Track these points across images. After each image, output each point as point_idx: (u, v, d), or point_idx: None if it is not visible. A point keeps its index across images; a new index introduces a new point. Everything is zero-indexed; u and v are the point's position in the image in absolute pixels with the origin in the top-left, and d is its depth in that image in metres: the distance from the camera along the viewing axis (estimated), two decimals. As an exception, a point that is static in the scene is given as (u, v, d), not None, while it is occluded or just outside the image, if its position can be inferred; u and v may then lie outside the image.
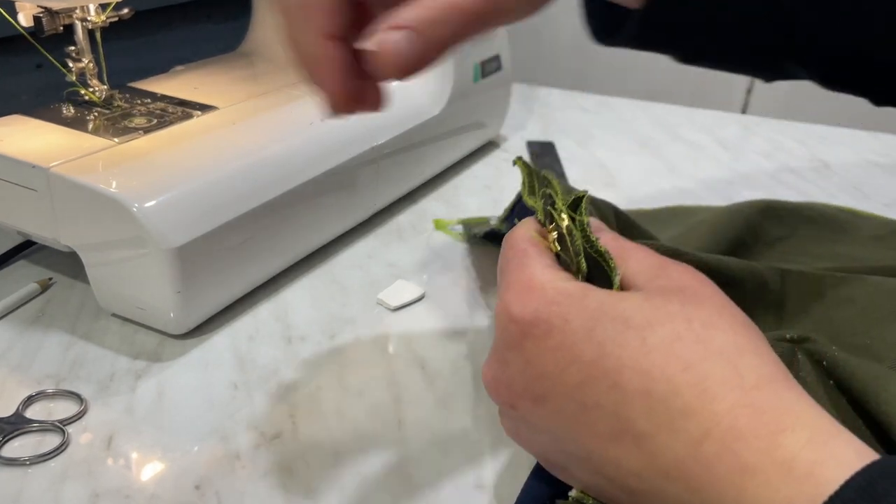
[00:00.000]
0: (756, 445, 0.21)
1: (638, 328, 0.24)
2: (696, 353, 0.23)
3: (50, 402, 0.38)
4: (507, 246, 0.30)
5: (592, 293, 0.26)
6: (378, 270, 0.51)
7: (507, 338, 0.27)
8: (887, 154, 0.73)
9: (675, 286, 0.26)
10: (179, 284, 0.41)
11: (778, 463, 0.21)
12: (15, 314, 0.45)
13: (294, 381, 0.40)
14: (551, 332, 0.25)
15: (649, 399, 0.23)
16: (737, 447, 0.21)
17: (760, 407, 0.22)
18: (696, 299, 0.25)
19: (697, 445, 0.22)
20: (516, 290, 0.27)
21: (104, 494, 0.33)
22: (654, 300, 0.25)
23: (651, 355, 0.23)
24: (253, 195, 0.45)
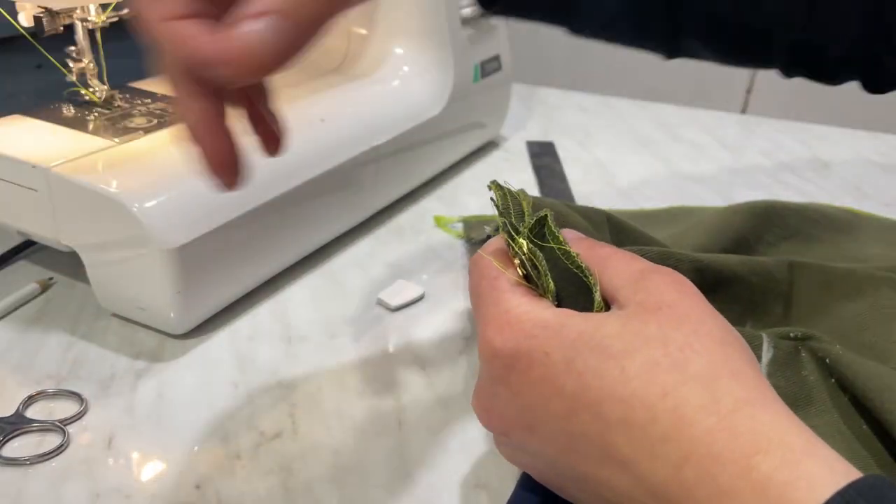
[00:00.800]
0: (732, 469, 0.22)
1: (617, 357, 0.24)
2: (673, 379, 0.23)
3: (50, 401, 0.38)
4: (476, 273, 0.30)
5: (570, 322, 0.26)
6: (378, 270, 0.51)
7: (492, 371, 0.27)
8: (887, 154, 0.73)
9: (654, 303, 0.26)
10: (179, 284, 0.41)
11: (752, 486, 0.21)
12: (15, 314, 0.45)
13: (294, 380, 0.40)
14: (532, 366, 0.26)
15: (630, 427, 0.23)
16: (714, 471, 0.22)
17: (736, 430, 0.22)
18: (675, 319, 0.25)
19: (678, 470, 0.22)
20: (495, 325, 0.27)
21: (104, 494, 0.33)
22: (632, 324, 0.25)
23: (630, 384, 0.24)
24: (253, 195, 0.45)
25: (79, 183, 0.40)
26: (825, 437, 0.24)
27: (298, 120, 0.51)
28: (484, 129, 0.69)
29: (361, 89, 0.58)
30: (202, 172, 0.26)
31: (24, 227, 0.45)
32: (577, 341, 0.25)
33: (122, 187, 0.40)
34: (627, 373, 0.24)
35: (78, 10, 0.47)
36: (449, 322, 0.46)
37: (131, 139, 0.46)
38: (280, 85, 0.57)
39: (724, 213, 0.51)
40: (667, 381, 0.23)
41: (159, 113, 0.50)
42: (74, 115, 0.49)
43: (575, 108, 0.84)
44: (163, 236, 0.39)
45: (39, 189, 0.42)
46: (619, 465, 0.24)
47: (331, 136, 0.51)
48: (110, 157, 0.44)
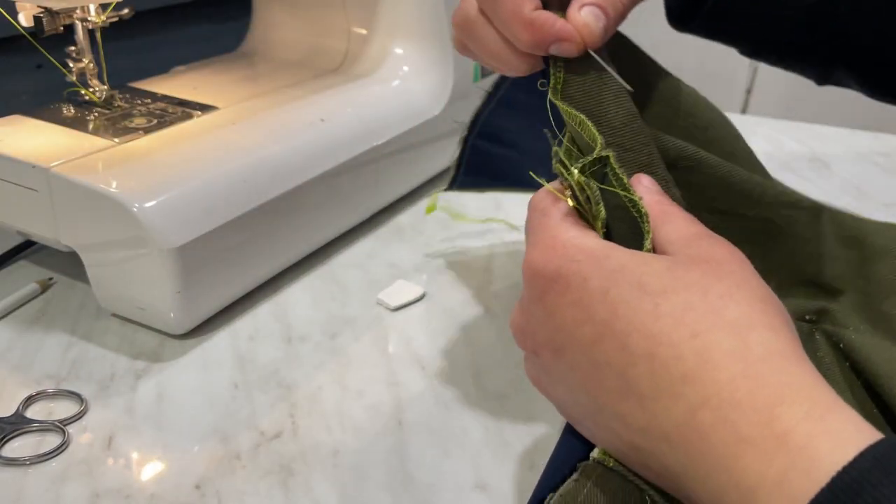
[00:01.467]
0: (753, 417, 0.21)
1: (652, 294, 0.24)
2: (706, 323, 0.23)
3: (50, 402, 0.38)
4: (530, 206, 0.31)
5: (614, 253, 0.26)
6: (378, 270, 0.51)
7: (531, 291, 0.28)
8: (887, 154, 0.73)
9: (703, 257, 0.26)
10: (179, 284, 0.41)
11: (773, 435, 0.21)
12: (15, 314, 0.45)
13: (294, 380, 0.40)
14: (569, 289, 0.26)
15: (653, 362, 0.23)
16: (733, 417, 0.22)
17: (762, 379, 0.22)
18: (719, 271, 0.25)
19: (694, 412, 0.22)
20: (540, 247, 0.28)
21: (104, 494, 0.33)
22: (676, 269, 0.25)
23: (660, 321, 0.24)
24: (253, 195, 0.45)
25: (79, 183, 0.40)
26: None
27: (299, 120, 0.52)
28: (484, 129, 0.69)
29: (361, 89, 0.58)
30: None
31: (24, 227, 0.45)
32: (617, 273, 0.25)
33: (122, 187, 0.40)
34: (660, 310, 0.24)
35: (78, 10, 0.47)
36: (449, 322, 0.46)
37: (131, 139, 0.46)
38: (280, 85, 0.57)
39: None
40: (699, 323, 0.23)
41: (159, 113, 0.50)
42: (74, 115, 0.49)
43: (575, 108, 0.84)
44: (163, 236, 0.39)
45: (39, 189, 0.42)
46: (637, 400, 0.24)
47: (331, 136, 0.51)
48: (110, 157, 0.44)
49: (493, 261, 0.52)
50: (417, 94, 0.60)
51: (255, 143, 0.48)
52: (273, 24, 0.66)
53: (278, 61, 0.63)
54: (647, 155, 0.34)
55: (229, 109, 0.52)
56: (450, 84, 0.61)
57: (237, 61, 0.64)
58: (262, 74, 0.61)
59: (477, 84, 0.65)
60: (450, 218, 0.58)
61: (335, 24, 0.63)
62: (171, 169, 0.43)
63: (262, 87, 0.57)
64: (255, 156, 0.46)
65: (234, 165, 0.45)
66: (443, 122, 0.61)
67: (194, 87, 0.56)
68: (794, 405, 0.21)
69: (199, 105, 0.52)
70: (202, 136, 0.48)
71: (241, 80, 0.59)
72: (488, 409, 0.38)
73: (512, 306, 0.47)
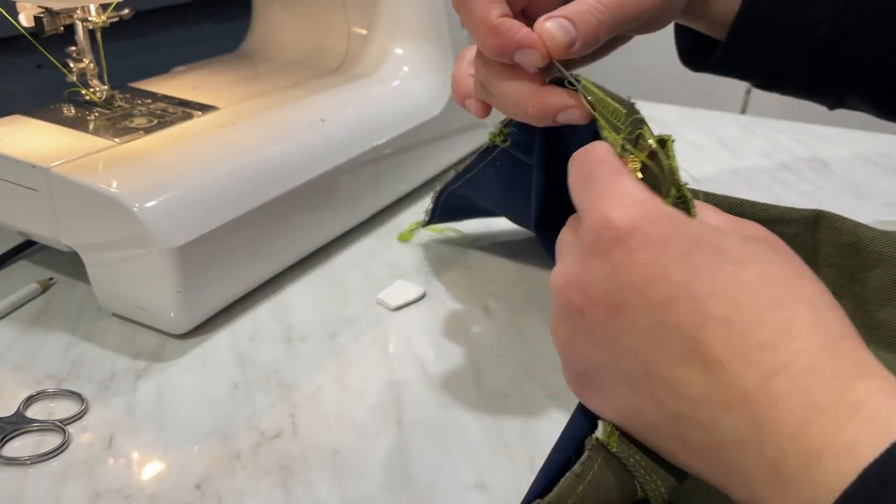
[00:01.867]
0: (829, 385, 0.22)
1: (734, 262, 0.25)
2: (787, 296, 0.24)
3: (50, 401, 0.38)
4: (589, 157, 0.29)
5: (693, 221, 0.26)
6: (378, 270, 0.51)
7: (595, 243, 0.26)
8: (887, 154, 0.73)
9: (762, 237, 0.27)
10: (180, 284, 0.41)
11: (847, 404, 0.21)
12: (16, 314, 0.45)
13: (294, 380, 0.40)
14: (646, 246, 0.25)
15: (731, 328, 0.23)
16: (809, 385, 0.22)
17: (840, 353, 0.22)
18: (786, 252, 0.26)
19: (769, 379, 0.22)
20: (617, 200, 0.26)
21: (105, 494, 0.33)
22: (750, 243, 0.26)
23: (744, 287, 0.24)
24: (253, 195, 0.45)
25: (79, 183, 0.40)
26: None
27: (299, 120, 0.52)
28: (484, 130, 0.69)
29: (362, 89, 0.58)
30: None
31: (24, 227, 0.45)
32: (698, 237, 0.25)
33: (123, 187, 0.40)
34: (742, 277, 0.24)
35: (78, 10, 0.47)
36: (449, 322, 0.46)
37: (132, 139, 0.46)
38: (280, 85, 0.57)
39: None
40: (781, 295, 0.24)
41: (160, 113, 0.50)
42: (75, 115, 0.49)
43: (575, 108, 0.84)
44: (163, 236, 0.39)
45: (40, 189, 0.42)
46: (702, 364, 0.24)
47: (331, 137, 0.51)
48: (111, 157, 0.44)
49: (493, 261, 0.52)
50: (417, 95, 0.60)
51: (255, 143, 0.48)
52: (273, 25, 0.66)
53: (278, 61, 0.64)
54: None
55: (229, 109, 0.52)
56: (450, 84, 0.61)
57: (237, 61, 0.64)
58: (262, 75, 0.61)
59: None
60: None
61: (335, 25, 0.63)
62: (172, 169, 0.43)
63: (262, 88, 0.57)
64: (255, 156, 0.46)
65: (234, 165, 0.45)
66: (443, 123, 0.61)
67: (194, 87, 0.56)
68: (869, 379, 0.22)
69: (199, 105, 0.52)
70: (202, 137, 0.48)
71: (242, 80, 0.59)
72: (488, 409, 0.38)
73: (512, 306, 0.47)
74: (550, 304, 0.29)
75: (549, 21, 0.31)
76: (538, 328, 0.45)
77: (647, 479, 0.27)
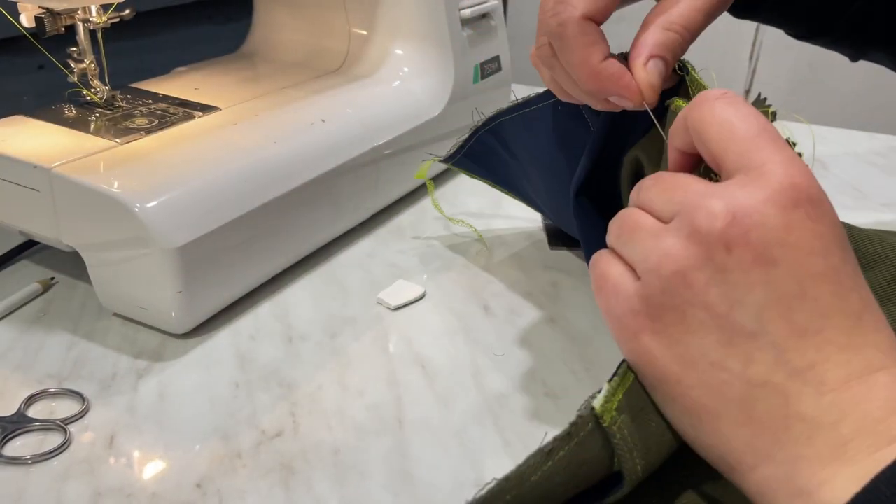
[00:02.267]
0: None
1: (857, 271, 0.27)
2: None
3: (52, 401, 0.38)
4: (757, 115, 0.29)
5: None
6: (378, 270, 0.51)
7: (776, 195, 0.26)
8: (885, 154, 0.74)
9: None
10: (181, 284, 0.41)
11: None
12: (17, 314, 0.45)
13: (295, 380, 0.40)
14: (823, 220, 0.27)
15: (858, 324, 0.25)
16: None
17: None
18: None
19: (869, 373, 0.24)
20: (800, 166, 0.28)
21: (106, 493, 0.33)
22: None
23: (866, 296, 0.27)
24: (254, 195, 0.45)
25: (80, 183, 0.40)
26: None
27: (300, 120, 0.52)
28: (484, 130, 0.69)
29: (362, 90, 0.58)
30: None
31: (25, 227, 0.45)
32: (844, 231, 0.28)
33: (124, 187, 0.40)
34: (863, 292, 0.26)
35: (79, 10, 0.47)
36: (449, 322, 0.46)
37: (133, 139, 0.46)
38: (281, 86, 0.57)
39: None
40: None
41: (160, 113, 0.50)
42: (76, 116, 0.49)
43: (574, 108, 0.85)
44: (164, 236, 0.40)
45: (41, 189, 0.42)
46: (819, 343, 0.25)
47: (332, 137, 0.51)
48: (112, 157, 0.44)
49: (493, 260, 0.53)
50: (417, 95, 0.60)
51: (256, 143, 0.48)
52: (274, 26, 0.66)
53: (279, 62, 0.64)
54: None
55: (230, 110, 0.52)
56: (450, 85, 0.61)
57: (238, 62, 0.64)
58: (263, 75, 0.61)
59: (477, 85, 0.65)
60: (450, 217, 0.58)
61: (336, 26, 0.63)
62: (173, 169, 0.43)
63: (263, 88, 0.57)
64: (256, 156, 0.47)
65: (235, 166, 0.45)
66: (443, 123, 0.61)
67: (195, 87, 0.56)
68: None
69: (200, 105, 0.52)
70: (203, 137, 0.48)
71: (243, 80, 0.59)
72: (488, 409, 0.39)
73: (512, 306, 0.47)
74: (550, 304, 0.29)
75: (650, 63, 0.33)
76: (538, 328, 0.45)
77: (626, 458, 0.27)
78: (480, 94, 0.66)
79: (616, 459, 0.27)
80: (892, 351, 0.25)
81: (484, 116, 0.50)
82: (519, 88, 0.86)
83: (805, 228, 0.26)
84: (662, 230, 0.27)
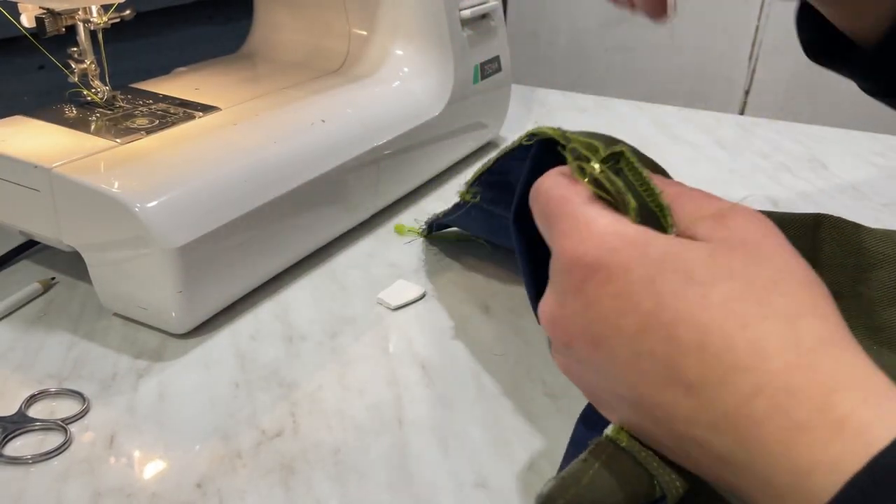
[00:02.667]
0: (809, 404, 0.21)
1: (700, 283, 0.24)
2: (756, 314, 0.23)
3: (52, 401, 0.38)
4: (540, 191, 0.29)
5: (655, 241, 0.26)
6: (378, 270, 0.51)
7: (567, 281, 0.27)
8: (885, 154, 0.74)
9: (739, 239, 0.26)
10: (181, 284, 0.41)
11: (830, 422, 0.21)
12: (17, 314, 0.46)
13: (295, 380, 0.41)
14: (611, 279, 0.25)
15: (703, 352, 0.23)
16: (788, 405, 0.22)
17: (816, 367, 0.22)
18: (760, 257, 0.25)
19: (748, 401, 0.22)
20: (577, 236, 0.27)
21: (106, 493, 0.33)
22: (719, 256, 0.25)
23: (710, 311, 0.24)
24: (254, 195, 0.45)
25: (81, 183, 0.40)
26: None
27: (300, 120, 0.52)
28: (484, 130, 0.69)
29: (362, 90, 0.58)
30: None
31: (26, 227, 0.45)
32: (661, 261, 0.25)
33: (124, 188, 0.40)
34: (709, 299, 0.24)
35: (80, 11, 0.47)
36: (449, 322, 0.46)
37: (133, 140, 0.46)
38: (282, 86, 0.57)
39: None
40: (749, 313, 0.23)
41: (161, 114, 0.51)
42: (76, 116, 0.49)
43: (574, 109, 0.85)
44: (164, 236, 0.40)
45: (41, 189, 0.42)
46: (684, 388, 0.24)
47: (332, 137, 0.51)
48: (112, 157, 0.44)
49: (493, 261, 0.53)
50: (418, 96, 0.60)
51: (256, 143, 0.48)
52: (274, 26, 0.66)
53: (279, 62, 0.64)
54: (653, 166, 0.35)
55: (231, 110, 0.52)
56: (450, 85, 0.61)
57: (239, 62, 0.64)
58: (263, 75, 0.61)
59: (476, 85, 0.65)
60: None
61: (336, 26, 0.63)
62: (173, 169, 0.43)
63: (263, 88, 0.57)
64: (256, 156, 0.47)
65: (235, 166, 0.45)
66: (443, 123, 0.61)
67: (196, 87, 0.56)
68: (849, 392, 0.21)
69: (200, 106, 0.52)
70: (204, 137, 0.48)
71: (243, 81, 0.59)
72: (488, 409, 0.39)
73: (512, 306, 0.47)
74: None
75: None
76: (538, 328, 0.45)
77: (661, 472, 0.27)
78: (480, 95, 0.66)
79: (653, 478, 0.27)
80: (759, 365, 0.23)
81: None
82: (519, 88, 0.87)
83: (601, 297, 0.26)
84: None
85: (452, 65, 0.61)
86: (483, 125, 0.69)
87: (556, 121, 0.80)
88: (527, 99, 0.87)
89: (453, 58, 0.61)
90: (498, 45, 0.68)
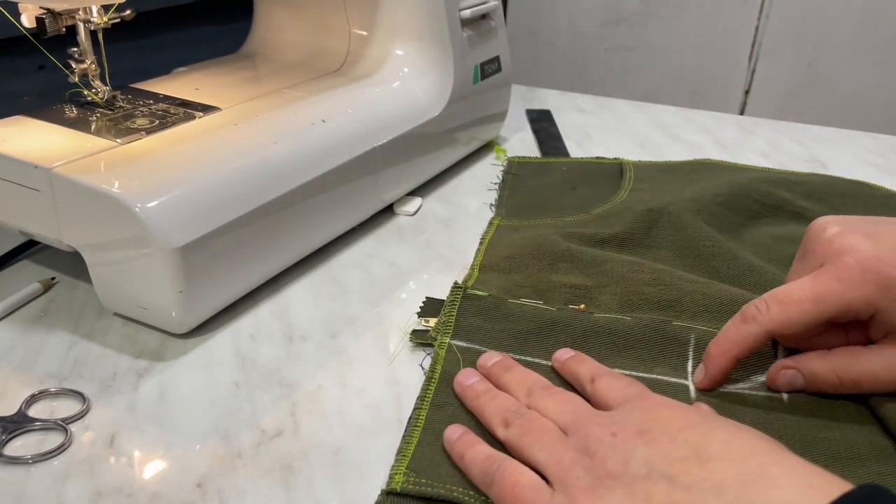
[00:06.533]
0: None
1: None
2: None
3: (52, 400, 0.38)
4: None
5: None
6: (378, 270, 0.51)
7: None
8: (884, 154, 0.74)
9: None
10: (181, 284, 0.41)
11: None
12: (18, 314, 0.46)
13: (295, 379, 0.41)
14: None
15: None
16: None
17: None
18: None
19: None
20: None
21: (106, 493, 0.33)
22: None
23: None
24: (254, 195, 0.45)
25: (81, 183, 0.41)
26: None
27: (300, 120, 0.52)
28: (484, 130, 0.70)
29: (362, 90, 0.58)
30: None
31: (26, 226, 0.45)
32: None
33: (125, 188, 0.40)
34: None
35: (80, 11, 0.47)
36: (449, 322, 0.46)
37: (133, 140, 0.46)
38: (282, 86, 0.57)
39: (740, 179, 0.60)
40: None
41: (161, 114, 0.51)
42: (77, 116, 0.49)
43: (574, 109, 0.85)
44: (165, 236, 0.40)
45: (42, 189, 0.42)
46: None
47: (332, 137, 0.51)
48: (112, 157, 0.44)
49: (493, 261, 0.53)
50: (418, 96, 0.60)
51: (256, 143, 0.48)
52: (274, 26, 0.66)
53: (280, 62, 0.64)
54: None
55: (231, 110, 0.52)
56: (450, 85, 0.61)
57: (239, 62, 0.64)
58: (263, 75, 0.61)
59: (476, 86, 0.65)
60: (449, 217, 0.58)
61: (336, 26, 0.63)
62: (173, 169, 0.43)
63: (263, 88, 0.57)
64: (256, 156, 0.47)
65: (235, 166, 0.45)
66: (443, 123, 0.61)
67: (196, 87, 0.56)
68: None
69: (200, 106, 0.52)
70: (204, 137, 0.48)
71: (243, 81, 0.59)
72: (488, 409, 0.39)
73: (511, 306, 0.47)
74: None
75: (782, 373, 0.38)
76: (538, 328, 0.45)
77: (446, 492, 0.32)
78: (480, 94, 0.66)
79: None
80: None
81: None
82: (519, 89, 0.87)
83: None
84: (564, 442, 0.32)
85: (452, 65, 0.61)
86: (483, 125, 0.69)
87: (556, 120, 0.80)
88: (527, 99, 0.87)
89: (453, 58, 0.61)
90: (498, 45, 0.68)
